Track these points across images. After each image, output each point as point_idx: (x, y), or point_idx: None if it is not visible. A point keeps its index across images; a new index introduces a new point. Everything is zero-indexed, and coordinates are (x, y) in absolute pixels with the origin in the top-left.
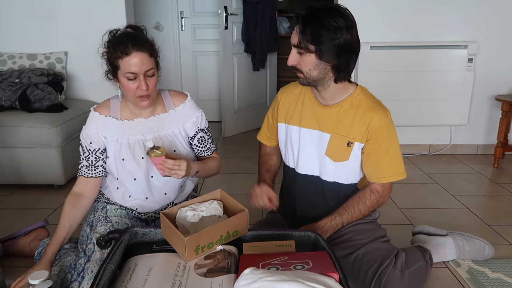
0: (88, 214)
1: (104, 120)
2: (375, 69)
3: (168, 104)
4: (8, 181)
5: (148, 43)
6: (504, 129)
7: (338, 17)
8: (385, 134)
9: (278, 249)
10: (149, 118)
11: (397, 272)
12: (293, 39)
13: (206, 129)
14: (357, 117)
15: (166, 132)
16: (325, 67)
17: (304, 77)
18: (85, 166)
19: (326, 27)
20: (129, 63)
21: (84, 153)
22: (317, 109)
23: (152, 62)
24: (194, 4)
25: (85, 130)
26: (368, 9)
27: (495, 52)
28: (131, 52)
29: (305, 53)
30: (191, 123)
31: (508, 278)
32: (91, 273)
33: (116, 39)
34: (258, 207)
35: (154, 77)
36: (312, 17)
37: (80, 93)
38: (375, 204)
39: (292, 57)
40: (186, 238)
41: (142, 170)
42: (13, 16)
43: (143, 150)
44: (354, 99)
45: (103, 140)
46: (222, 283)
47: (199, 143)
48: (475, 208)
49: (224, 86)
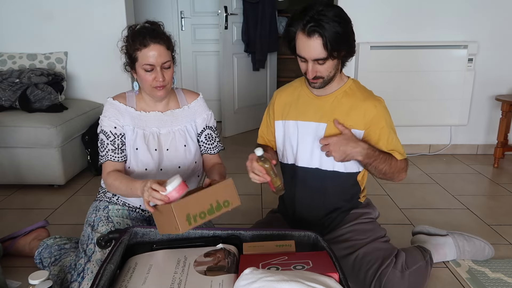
0: (89, 214)
1: (123, 108)
2: (375, 69)
3: (181, 100)
4: (8, 181)
5: (165, 36)
6: (504, 129)
7: (341, 14)
8: (384, 120)
9: (278, 249)
10: (165, 112)
11: (397, 272)
12: (315, 54)
13: (214, 128)
14: (353, 105)
15: (179, 127)
16: (339, 63)
17: (323, 81)
18: (111, 150)
19: (342, 29)
20: (147, 55)
21: (108, 138)
22: (312, 101)
23: (169, 54)
24: (194, 4)
25: (106, 117)
26: (368, 9)
27: (495, 52)
28: (149, 44)
29: (327, 61)
30: (201, 120)
31: (508, 278)
32: (91, 273)
33: (135, 32)
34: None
35: (170, 69)
36: (327, 27)
37: (80, 93)
38: (400, 169)
39: (315, 69)
40: (172, 204)
41: (154, 161)
42: (13, 16)
43: (157, 142)
44: (347, 89)
45: (122, 127)
46: (222, 282)
47: (206, 140)
48: (475, 208)
49: (224, 86)
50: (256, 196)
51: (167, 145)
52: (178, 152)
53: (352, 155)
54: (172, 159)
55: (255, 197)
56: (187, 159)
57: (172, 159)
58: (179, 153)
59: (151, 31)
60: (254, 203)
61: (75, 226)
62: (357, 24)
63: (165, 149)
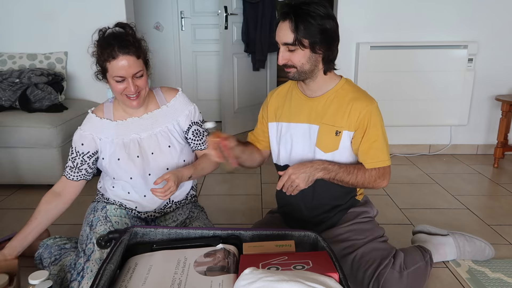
0: (88, 214)
1: (99, 122)
2: (375, 69)
3: (160, 100)
4: (8, 181)
5: (134, 45)
6: (504, 129)
7: (321, 7)
8: (373, 121)
9: (278, 249)
10: (142, 116)
11: (395, 272)
12: (284, 38)
13: (201, 122)
14: (343, 106)
15: (160, 129)
16: (316, 59)
17: (296, 71)
18: (69, 167)
19: (317, 21)
20: (117, 67)
21: (71, 154)
22: (305, 103)
23: (139, 64)
24: (194, 4)
25: (80, 130)
26: (368, 9)
27: (495, 52)
28: (117, 56)
29: (297, 49)
30: (184, 117)
31: (508, 278)
32: (91, 272)
33: (103, 42)
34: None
35: (142, 77)
36: (301, 13)
37: (80, 93)
38: (373, 181)
39: (284, 56)
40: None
41: (138, 168)
42: (13, 16)
43: (138, 149)
44: (340, 89)
45: (98, 142)
46: (222, 282)
47: (194, 136)
48: (475, 208)
49: (224, 86)
50: (256, 196)
51: (151, 148)
52: (164, 154)
53: (312, 174)
54: (158, 162)
55: (255, 197)
56: (173, 159)
57: (158, 162)
58: (164, 155)
59: (120, 40)
60: (254, 203)
61: (75, 226)
62: (357, 24)
63: (150, 153)
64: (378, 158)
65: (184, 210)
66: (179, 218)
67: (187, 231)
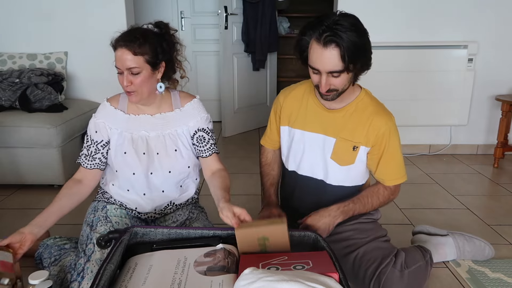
0: (88, 214)
1: (113, 111)
2: (375, 69)
3: (175, 103)
4: (8, 181)
5: (137, 43)
6: (504, 129)
7: (358, 23)
8: (392, 139)
9: (269, 223)
10: (155, 115)
11: (396, 271)
12: (330, 66)
13: (209, 130)
14: (363, 121)
15: (170, 131)
16: (352, 76)
17: (337, 93)
18: (84, 155)
19: (361, 40)
20: (116, 57)
21: (86, 142)
22: (322, 113)
23: (137, 61)
24: (194, 4)
25: (94, 118)
26: (368, 9)
27: (495, 52)
28: (117, 47)
29: (343, 74)
30: (194, 122)
31: (508, 278)
32: (91, 273)
33: (123, 33)
34: None
35: (139, 75)
36: (344, 37)
37: (80, 93)
38: (387, 200)
39: (329, 82)
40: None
41: (142, 165)
42: (13, 16)
43: (145, 146)
44: (359, 102)
45: (108, 131)
46: (222, 282)
47: (198, 142)
48: (475, 208)
49: (224, 86)
50: (256, 196)
51: (157, 148)
52: (169, 157)
53: (332, 222)
54: (162, 164)
55: (255, 197)
56: (178, 163)
57: (162, 164)
58: (169, 158)
59: (129, 34)
60: (254, 203)
61: (75, 226)
62: None
63: (155, 152)
64: (398, 175)
65: (184, 211)
66: (179, 219)
67: (187, 231)
